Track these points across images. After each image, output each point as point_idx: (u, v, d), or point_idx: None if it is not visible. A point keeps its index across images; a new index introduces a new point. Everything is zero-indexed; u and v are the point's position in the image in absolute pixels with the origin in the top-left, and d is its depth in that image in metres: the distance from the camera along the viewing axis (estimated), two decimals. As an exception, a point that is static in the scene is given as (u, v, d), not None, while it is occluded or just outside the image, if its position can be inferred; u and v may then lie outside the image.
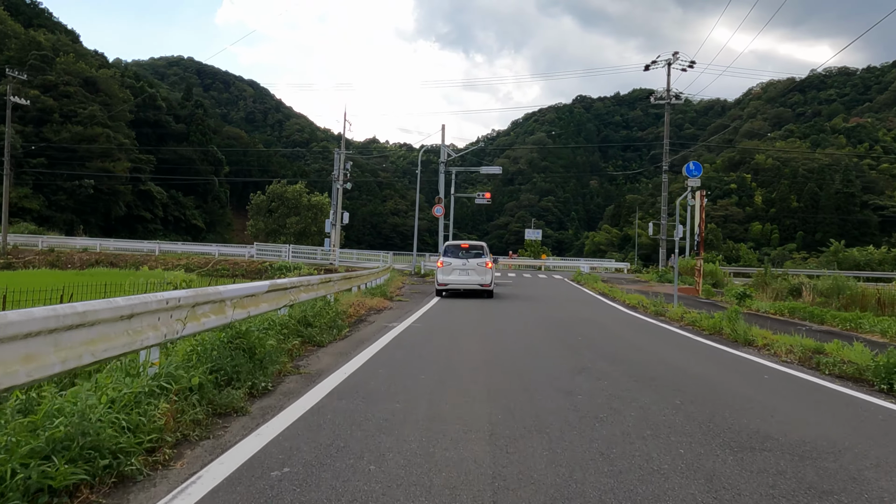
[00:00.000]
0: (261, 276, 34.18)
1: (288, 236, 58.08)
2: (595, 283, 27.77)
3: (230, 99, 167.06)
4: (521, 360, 8.36)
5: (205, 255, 43.73)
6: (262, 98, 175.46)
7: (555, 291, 24.52)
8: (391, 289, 22.81)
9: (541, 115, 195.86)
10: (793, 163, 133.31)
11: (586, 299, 20.65)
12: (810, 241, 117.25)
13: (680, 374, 7.76)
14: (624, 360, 8.58)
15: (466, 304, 18.01)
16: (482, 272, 19.74)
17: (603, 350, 9.57)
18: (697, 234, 40.05)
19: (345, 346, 9.31)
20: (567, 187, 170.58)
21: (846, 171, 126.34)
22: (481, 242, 20.91)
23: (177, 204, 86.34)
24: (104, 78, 77.91)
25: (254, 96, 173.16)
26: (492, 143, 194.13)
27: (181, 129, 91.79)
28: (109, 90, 77.67)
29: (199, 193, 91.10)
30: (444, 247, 20.77)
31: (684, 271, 32.58)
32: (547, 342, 10.21)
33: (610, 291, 22.78)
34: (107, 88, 77.58)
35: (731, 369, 8.36)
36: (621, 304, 18.85)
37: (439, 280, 19.91)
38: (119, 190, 71.78)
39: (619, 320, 14.65)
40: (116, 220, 76.89)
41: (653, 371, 7.83)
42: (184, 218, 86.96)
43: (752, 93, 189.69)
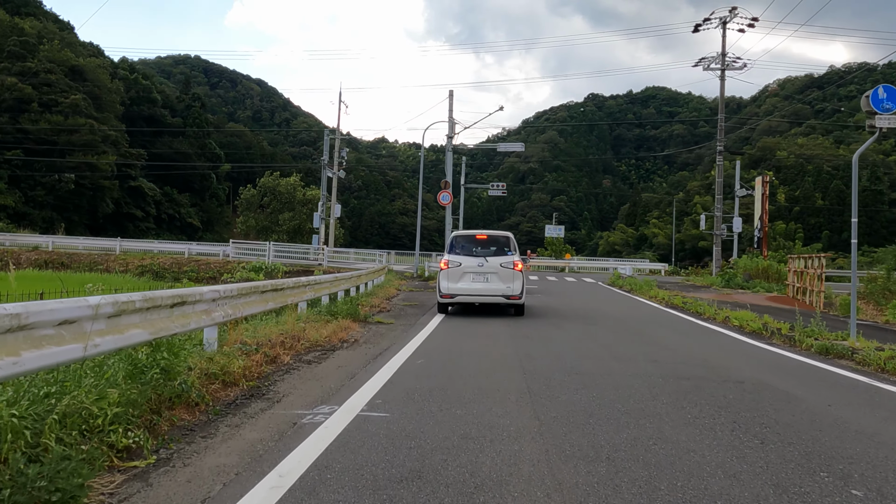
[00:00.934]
0: (216, 281, 27.51)
1: (280, 234, 51.57)
2: (650, 290, 20.86)
3: (237, 97, 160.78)
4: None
5: (173, 254, 37.13)
6: (269, 96, 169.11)
7: (612, 306, 17.58)
8: (377, 300, 15.98)
9: (552, 113, 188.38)
10: (816, 159, 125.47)
11: (671, 321, 13.67)
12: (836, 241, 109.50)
13: None
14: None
15: (486, 328, 11.21)
16: (508, 277, 12.93)
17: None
18: (759, 227, 32.99)
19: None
20: (579, 186, 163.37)
21: (874, 167, 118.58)
22: (505, 233, 13.97)
23: (171, 201, 79.94)
24: (91, 67, 71.55)
25: (261, 95, 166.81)
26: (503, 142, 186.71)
27: (178, 123, 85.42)
28: (97, 80, 71.30)
29: (195, 190, 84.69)
30: (450, 238, 13.96)
31: (755, 273, 25.57)
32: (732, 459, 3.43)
33: (692, 306, 15.83)
34: (95, 78, 71.21)
35: None
36: (733, 330, 11.90)
37: (443, 289, 13.12)
38: (104, 185, 65.36)
39: (779, 369, 7.74)
40: (104, 219, 70.58)
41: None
42: (178, 216, 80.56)
43: (768, 90, 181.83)
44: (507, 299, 12.94)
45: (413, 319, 12.52)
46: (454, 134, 27.30)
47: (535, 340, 9.58)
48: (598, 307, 16.50)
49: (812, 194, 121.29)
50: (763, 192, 31.31)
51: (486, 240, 13.63)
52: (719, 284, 24.82)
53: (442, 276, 13.24)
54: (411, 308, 15.09)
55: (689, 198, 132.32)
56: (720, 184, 33.96)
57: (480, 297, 13.05)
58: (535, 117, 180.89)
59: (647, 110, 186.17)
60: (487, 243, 13.54)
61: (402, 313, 13.77)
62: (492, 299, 13.02)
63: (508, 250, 13.30)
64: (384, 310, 14.39)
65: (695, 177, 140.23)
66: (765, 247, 31.10)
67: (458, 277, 13.07)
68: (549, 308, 15.67)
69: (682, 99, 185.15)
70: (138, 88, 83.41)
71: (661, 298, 18.74)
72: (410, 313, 13.80)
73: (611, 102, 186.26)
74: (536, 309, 15.20)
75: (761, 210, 31.52)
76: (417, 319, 12.51)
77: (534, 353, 8.24)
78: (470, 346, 8.82)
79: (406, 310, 14.67)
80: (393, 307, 15.19)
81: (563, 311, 15.05)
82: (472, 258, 13.16)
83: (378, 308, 14.50)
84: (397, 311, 14.40)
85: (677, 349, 9.02)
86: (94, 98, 69.85)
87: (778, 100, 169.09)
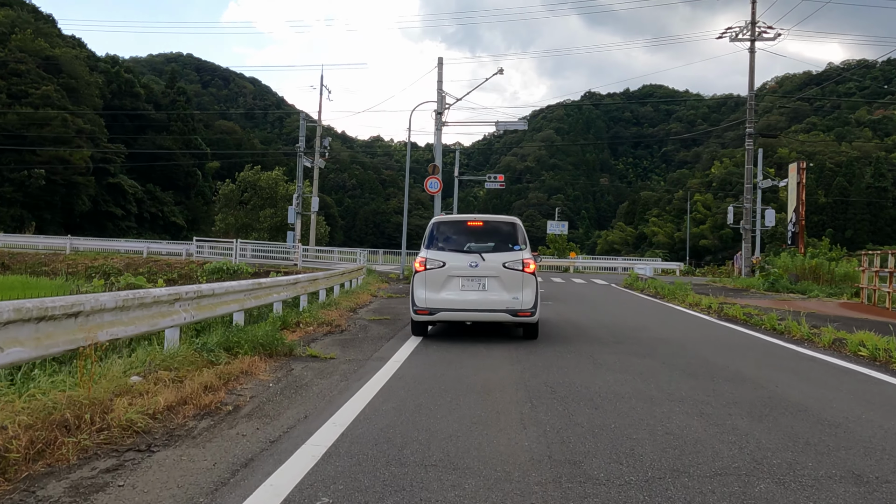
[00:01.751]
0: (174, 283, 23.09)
1: (261, 232, 47.10)
2: (686, 295, 16.49)
3: (230, 96, 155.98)
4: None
5: (130, 253, 32.68)
6: (262, 95, 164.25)
7: (651, 319, 13.10)
8: (336, 312, 11.64)
9: (549, 111, 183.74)
10: (818, 156, 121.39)
11: (759, 350, 9.11)
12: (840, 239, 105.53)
13: None
14: None
15: (483, 369, 6.82)
16: (515, 283, 8.60)
17: None
18: (793, 221, 28.64)
19: None
20: (577, 185, 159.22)
21: (877, 164, 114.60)
22: (510, 219, 9.35)
23: (154, 199, 75.38)
24: (68, 58, 66.93)
25: (254, 93, 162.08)
26: (499, 141, 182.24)
27: (162, 118, 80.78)
28: (74, 72, 66.68)
29: (180, 188, 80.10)
30: (430, 226, 9.43)
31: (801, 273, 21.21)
32: None
33: (764, 321, 11.42)
34: (71, 70, 66.60)
35: None
36: (878, 369, 7.49)
37: (418, 301, 8.74)
38: (78, 182, 60.78)
39: None
40: (82, 217, 66.11)
41: None
42: (161, 214, 76.01)
43: (766, 87, 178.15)
44: (514, 316, 8.53)
45: (371, 349, 8.12)
46: (444, 109, 22.82)
47: (569, 402, 5.21)
48: (633, 321, 12.10)
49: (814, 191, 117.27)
50: (799, 180, 26.97)
51: (483, 228, 9.19)
52: (761, 287, 20.47)
53: (417, 281, 8.82)
54: (378, 325, 10.69)
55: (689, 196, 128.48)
56: (750, 171, 29.58)
57: (474, 314, 8.64)
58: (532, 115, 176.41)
59: (644, 108, 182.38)
60: (484, 234, 9.13)
61: (360, 336, 9.36)
62: (491, 316, 8.62)
63: (515, 244, 8.90)
64: (337, 328, 9.98)
65: (694, 174, 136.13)
66: (802, 242, 26.77)
67: (440, 284, 8.67)
68: (568, 323, 11.28)
69: (680, 96, 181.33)
70: (120, 82, 78.84)
71: (705, 307, 14.37)
72: (372, 336, 9.40)
73: (608, 100, 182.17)
74: (552, 325, 10.82)
75: (797, 201, 27.18)
76: (378, 349, 8.11)
77: (577, 442, 3.90)
78: (450, 426, 4.44)
79: (370, 328, 10.27)
80: (353, 324, 10.78)
81: (591, 328, 10.67)
82: (461, 255, 8.77)
83: (330, 326, 10.10)
84: (356, 330, 9.99)
85: (855, 429, 4.63)
86: (70, 90, 65.34)
87: (776, 97, 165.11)
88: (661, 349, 8.43)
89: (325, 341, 8.58)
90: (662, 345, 8.85)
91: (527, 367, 6.89)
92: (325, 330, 9.67)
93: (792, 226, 27.59)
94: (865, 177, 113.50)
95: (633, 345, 8.77)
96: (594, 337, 9.50)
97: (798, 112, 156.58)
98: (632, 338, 9.52)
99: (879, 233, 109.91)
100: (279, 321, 9.12)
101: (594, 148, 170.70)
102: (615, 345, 8.73)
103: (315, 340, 8.59)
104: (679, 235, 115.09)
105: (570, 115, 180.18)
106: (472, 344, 8.55)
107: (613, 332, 10.10)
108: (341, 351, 7.84)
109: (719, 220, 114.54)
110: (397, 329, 10.12)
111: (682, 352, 8.25)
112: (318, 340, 8.61)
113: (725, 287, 22.98)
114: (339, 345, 8.35)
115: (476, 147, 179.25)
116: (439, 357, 7.47)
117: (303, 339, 8.55)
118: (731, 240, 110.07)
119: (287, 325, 9.24)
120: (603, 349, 8.28)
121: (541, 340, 8.98)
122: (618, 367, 6.94)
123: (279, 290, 9.83)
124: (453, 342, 8.68)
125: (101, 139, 67.40)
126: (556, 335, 9.61)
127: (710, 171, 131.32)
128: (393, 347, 8.16)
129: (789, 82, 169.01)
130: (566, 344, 8.69)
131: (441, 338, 9.13)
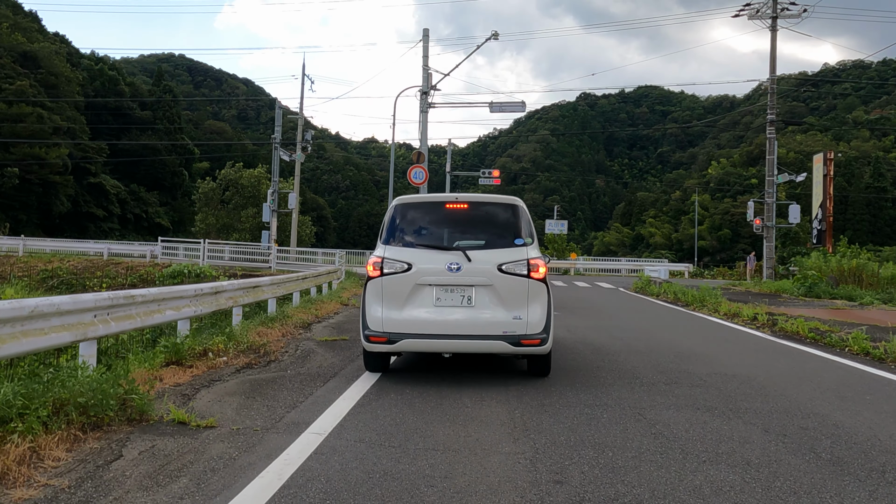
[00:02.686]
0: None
1: (243, 233, 43.99)
2: (718, 303, 13.54)
3: (222, 96, 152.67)
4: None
5: (88, 255, 29.57)
6: (255, 95, 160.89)
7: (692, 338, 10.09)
8: (278, 332, 8.66)
9: (544, 112, 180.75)
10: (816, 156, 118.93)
11: (879, 388, 6.25)
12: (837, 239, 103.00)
13: None
14: None
15: (468, 469, 3.72)
16: (517, 293, 5.62)
17: None
18: (819, 217, 25.70)
19: None
20: (572, 186, 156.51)
21: (876, 163, 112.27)
22: (509, 200, 6.18)
23: (138, 200, 72.08)
24: (46, 53, 63.68)
25: (247, 94, 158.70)
26: (494, 142, 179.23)
27: (147, 117, 77.49)
28: (53, 68, 63.39)
29: (166, 188, 76.79)
30: (392, 211, 6.18)
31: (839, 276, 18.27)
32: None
33: (828, 337, 8.46)
34: (50, 66, 63.34)
35: None
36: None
37: (372, 323, 5.71)
38: (55, 181, 57.53)
39: None
40: (61, 218, 62.92)
41: None
42: (146, 215, 72.74)
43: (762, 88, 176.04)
44: (516, 345, 5.51)
45: (290, 401, 5.09)
46: (431, 88, 19.72)
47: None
48: (672, 341, 9.09)
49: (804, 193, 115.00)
50: (826, 172, 24.06)
51: (468, 214, 6.13)
52: (796, 292, 17.49)
53: (370, 293, 5.80)
54: (326, 351, 7.66)
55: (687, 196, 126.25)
56: (772, 161, 26.50)
57: (455, 342, 5.60)
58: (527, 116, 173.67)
59: (639, 109, 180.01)
60: (471, 222, 6.09)
61: (289, 372, 6.31)
62: (480, 346, 5.59)
63: (517, 236, 5.88)
64: (263, 358, 6.93)
65: (691, 175, 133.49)
66: (830, 241, 23.87)
67: (404, 297, 5.65)
68: (588, 347, 8.28)
69: (675, 98, 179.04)
70: (104, 79, 75.63)
71: (748, 318, 11.40)
72: (308, 372, 6.37)
73: (603, 101, 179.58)
74: (566, 350, 7.82)
75: (823, 195, 24.25)
76: (300, 401, 5.08)
77: None
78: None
79: (312, 357, 7.23)
80: (293, 349, 7.74)
81: (620, 355, 7.66)
82: (436, 254, 5.75)
83: (255, 354, 7.09)
84: (291, 361, 6.96)
85: None
86: (49, 87, 62.09)
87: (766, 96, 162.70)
88: (739, 396, 5.44)
89: (225, 385, 5.56)
90: (736, 386, 5.85)
91: (540, 445, 3.90)
92: (242, 362, 6.64)
93: (818, 223, 24.66)
94: (864, 177, 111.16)
95: (694, 387, 5.78)
96: (631, 372, 6.50)
97: (794, 112, 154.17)
98: (685, 373, 6.51)
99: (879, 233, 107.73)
100: (170, 350, 6.11)
101: (590, 149, 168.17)
102: (668, 388, 5.72)
103: (211, 384, 5.57)
104: (677, 236, 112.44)
105: (566, 115, 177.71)
106: (451, 388, 5.55)
107: (656, 363, 7.09)
108: (238, 407, 4.82)
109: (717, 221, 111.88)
110: (351, 358, 7.11)
111: (774, 401, 5.26)
112: (215, 384, 5.58)
113: (750, 292, 20.01)
114: (243, 392, 5.33)
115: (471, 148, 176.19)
116: (393, 421, 4.46)
117: (191, 383, 5.53)
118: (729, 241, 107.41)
119: (182, 355, 6.22)
120: (654, 399, 5.28)
121: (555, 378, 5.98)
122: (698, 445, 3.95)
123: (178, 304, 6.78)
124: (423, 385, 5.68)
125: (81, 137, 64.18)
126: (575, 368, 6.61)
127: (707, 172, 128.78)
128: (327, 398, 5.15)
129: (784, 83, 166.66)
130: (594, 387, 5.69)
131: (406, 376, 6.13)
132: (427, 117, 19.55)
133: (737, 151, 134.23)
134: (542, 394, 5.37)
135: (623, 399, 5.23)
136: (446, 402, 5.06)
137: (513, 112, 18.98)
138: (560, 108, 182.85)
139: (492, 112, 19.12)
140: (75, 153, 62.02)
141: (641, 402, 5.15)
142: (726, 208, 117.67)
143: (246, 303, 9.24)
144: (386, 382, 5.79)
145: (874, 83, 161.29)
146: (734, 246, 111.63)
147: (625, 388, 5.66)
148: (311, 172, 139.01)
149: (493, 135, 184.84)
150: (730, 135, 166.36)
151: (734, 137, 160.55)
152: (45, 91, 60.98)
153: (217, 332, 7.52)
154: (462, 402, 5.04)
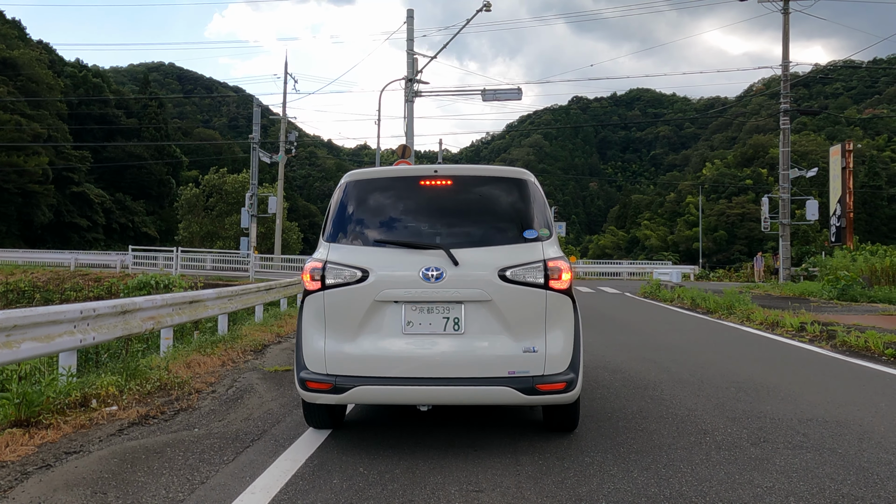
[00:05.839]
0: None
1: (227, 240, 41.98)
2: (749, 310, 11.63)
3: (212, 105, 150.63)
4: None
5: (53, 266, 27.47)
6: (246, 103, 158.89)
7: (749, 362, 8.13)
8: (213, 362, 6.58)
9: (536, 116, 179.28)
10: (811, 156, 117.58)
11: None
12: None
13: None
14: None
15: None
16: (529, 313, 3.63)
17: None
18: (838, 213, 23.83)
19: None
20: (566, 190, 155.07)
21: (871, 162, 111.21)
22: (514, 172, 4.16)
23: (124, 209, 69.88)
24: (26, 60, 61.55)
25: (238, 101, 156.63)
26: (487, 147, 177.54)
27: (133, 125, 75.39)
28: (33, 74, 61.32)
29: (152, 197, 74.61)
30: (341, 192, 4.09)
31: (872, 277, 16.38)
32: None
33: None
34: (31, 73, 61.27)
35: None
36: None
37: (311, 361, 3.71)
38: (35, 191, 55.37)
39: None
40: (43, 229, 60.77)
41: None
42: (132, 225, 70.51)
43: (753, 89, 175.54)
44: (529, 393, 3.54)
45: (169, 497, 3.10)
46: (417, 75, 17.76)
47: None
48: (720, 365, 7.11)
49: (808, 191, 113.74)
50: (845, 165, 22.24)
51: (453, 193, 4.05)
52: (827, 295, 15.63)
53: (308, 314, 3.82)
54: (270, 389, 5.64)
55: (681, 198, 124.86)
56: (786, 153, 24.57)
57: (434, 391, 3.57)
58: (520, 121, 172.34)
59: (631, 112, 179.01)
60: (457, 205, 4.04)
61: (201, 431, 4.30)
62: (474, 396, 3.58)
63: (527, 226, 3.89)
64: (176, 401, 4.93)
65: (685, 177, 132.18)
66: (850, 238, 22.02)
67: (356, 321, 3.67)
68: (618, 377, 6.29)
69: (667, 100, 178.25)
70: (88, 87, 73.49)
71: (794, 329, 9.47)
72: (229, 429, 4.36)
73: (595, 105, 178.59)
74: (590, 382, 5.84)
75: (842, 190, 22.42)
76: (189, 493, 3.09)
77: None
78: None
79: (248, 397, 5.23)
80: (228, 384, 5.73)
81: (667, 390, 5.69)
82: (404, 254, 3.74)
83: (168, 395, 5.10)
84: (217, 405, 4.96)
85: None
86: (29, 94, 60.02)
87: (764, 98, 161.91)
88: (873, 463, 3.48)
89: (81, 462, 3.55)
90: (855, 445, 3.88)
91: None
92: (137, 413, 4.63)
93: (837, 219, 22.82)
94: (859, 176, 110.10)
95: (797, 450, 3.80)
96: (691, 420, 4.51)
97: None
98: (768, 420, 4.53)
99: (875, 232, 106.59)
100: (20, 402, 4.11)
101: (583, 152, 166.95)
102: (762, 453, 3.73)
103: (60, 460, 3.56)
104: (672, 238, 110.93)
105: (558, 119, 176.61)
106: (430, 464, 3.56)
107: (718, 403, 5.10)
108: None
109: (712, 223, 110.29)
110: (277, 421, 5.12)
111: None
112: (66, 461, 3.57)
113: (770, 295, 18.11)
114: (101, 477, 3.32)
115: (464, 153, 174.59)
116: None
117: (28, 460, 3.52)
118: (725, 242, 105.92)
119: (38, 408, 4.21)
120: (752, 477, 3.29)
121: (585, 437, 4.01)
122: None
123: (49, 333, 4.74)
124: (387, 457, 3.69)
125: (64, 146, 62.06)
126: (609, 415, 4.63)
127: (701, 173, 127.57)
128: (239, 478, 3.16)
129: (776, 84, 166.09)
130: (647, 456, 3.70)
131: (364, 438, 4.13)
132: (413, 108, 17.55)
133: (730, 152, 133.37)
134: (572, 473, 3.39)
135: (703, 479, 3.26)
136: (421, 492, 3.08)
137: (508, 99, 17.06)
138: (552, 112, 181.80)
139: (485, 100, 17.18)
140: (57, 162, 59.91)
141: (735, 485, 3.17)
142: (721, 209, 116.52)
143: (175, 323, 7.21)
144: (334, 449, 3.80)
145: (865, 82, 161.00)
146: (730, 247, 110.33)
147: (696, 456, 3.68)
148: (304, 180, 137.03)
149: (486, 140, 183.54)
150: (722, 136, 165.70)
151: (727, 139, 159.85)
152: (25, 98, 58.92)
153: (121, 367, 5.52)
154: (448, 495, 3.05)
